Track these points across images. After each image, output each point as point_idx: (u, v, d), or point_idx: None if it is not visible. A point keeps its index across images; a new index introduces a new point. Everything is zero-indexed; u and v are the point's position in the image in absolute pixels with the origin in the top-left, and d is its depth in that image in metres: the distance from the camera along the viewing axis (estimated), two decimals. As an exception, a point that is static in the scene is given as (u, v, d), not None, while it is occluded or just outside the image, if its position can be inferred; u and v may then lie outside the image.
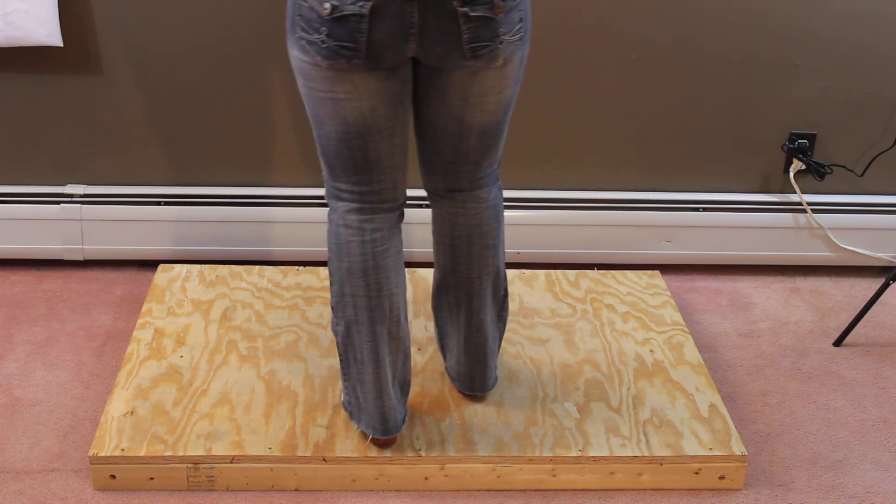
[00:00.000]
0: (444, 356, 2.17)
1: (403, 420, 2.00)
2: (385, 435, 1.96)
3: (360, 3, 1.64)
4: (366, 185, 1.85)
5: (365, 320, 1.88)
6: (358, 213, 1.86)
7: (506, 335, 2.36)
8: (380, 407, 1.93)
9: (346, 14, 1.65)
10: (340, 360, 1.97)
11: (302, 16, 1.70)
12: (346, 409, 2.03)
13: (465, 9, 1.67)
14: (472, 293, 1.99)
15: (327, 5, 1.66)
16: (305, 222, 2.68)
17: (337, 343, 1.96)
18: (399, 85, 1.76)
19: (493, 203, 1.96)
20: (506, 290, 2.08)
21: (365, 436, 2.01)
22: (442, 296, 2.05)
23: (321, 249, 2.65)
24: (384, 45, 1.68)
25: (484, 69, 1.74)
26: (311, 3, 1.68)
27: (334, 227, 1.88)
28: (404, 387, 2.00)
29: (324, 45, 1.68)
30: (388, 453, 1.99)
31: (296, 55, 1.75)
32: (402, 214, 1.93)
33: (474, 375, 2.10)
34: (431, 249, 2.06)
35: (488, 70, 1.75)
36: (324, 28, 1.67)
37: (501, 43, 1.73)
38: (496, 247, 1.98)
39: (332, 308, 1.94)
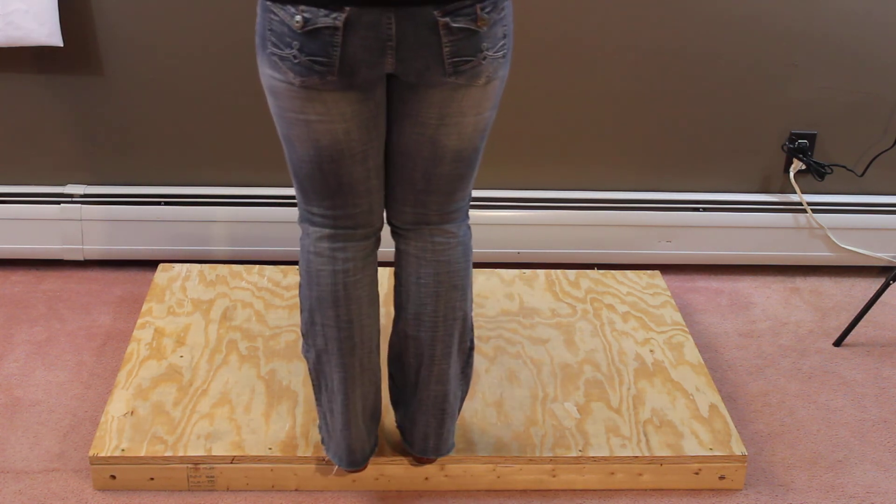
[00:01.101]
0: (397, 414, 1.99)
1: (372, 450, 1.94)
2: (350, 467, 1.91)
3: (334, 15, 1.55)
4: (340, 209, 1.75)
5: (335, 351, 1.80)
6: (330, 240, 1.78)
7: (506, 335, 2.36)
8: (347, 438, 1.87)
9: (318, 27, 1.56)
10: (313, 387, 1.90)
11: (273, 30, 1.60)
12: (320, 433, 1.97)
13: (447, 19, 1.57)
14: (435, 339, 1.83)
15: (299, 18, 1.56)
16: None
17: (309, 369, 1.89)
18: (374, 107, 1.67)
19: (463, 240, 1.83)
20: (472, 342, 1.92)
21: (332, 464, 1.97)
22: (401, 343, 1.88)
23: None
24: (358, 60, 1.59)
25: (465, 87, 1.64)
26: (282, 17, 1.58)
27: (305, 254, 1.80)
28: (375, 416, 1.92)
29: (296, 61, 1.59)
30: (388, 453, 1.99)
31: (267, 73, 1.65)
32: (377, 241, 1.83)
33: (429, 435, 1.92)
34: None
35: (469, 88, 1.64)
36: (295, 42, 1.58)
37: (485, 59, 1.63)
38: (465, 289, 1.83)
39: (303, 335, 1.85)
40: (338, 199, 1.74)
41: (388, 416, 2.07)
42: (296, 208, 2.67)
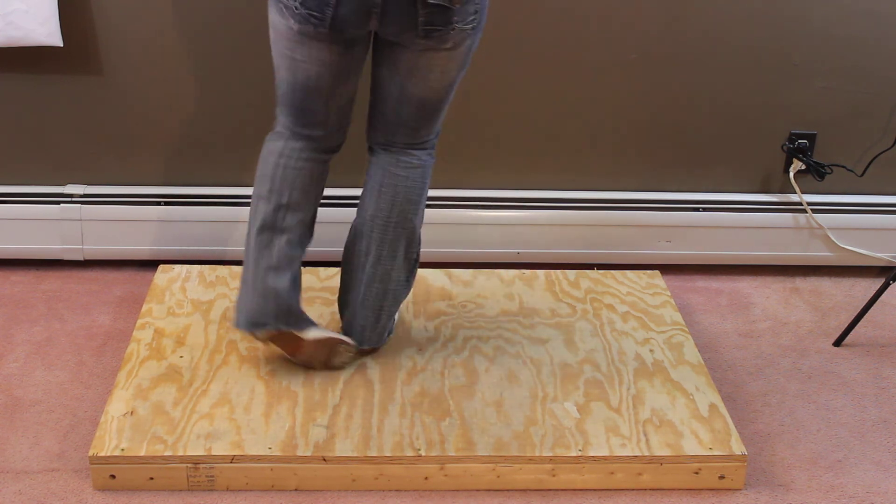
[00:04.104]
0: (342, 313, 2.25)
1: (267, 324, 2.12)
2: (241, 327, 2.13)
3: None
4: (300, 127, 2.10)
5: (258, 222, 2.11)
6: (287, 138, 2.12)
7: (506, 335, 2.36)
8: (245, 302, 2.12)
9: None
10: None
11: None
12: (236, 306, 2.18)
13: None
14: (384, 240, 2.15)
15: None
16: (305, 222, 2.68)
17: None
18: (350, 61, 2.01)
19: (424, 164, 2.16)
20: (418, 256, 2.22)
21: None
22: (355, 243, 2.19)
23: (321, 249, 2.65)
24: (346, 21, 1.92)
25: (433, 49, 1.96)
26: None
27: (266, 141, 2.15)
28: (283, 293, 2.11)
29: (297, 11, 1.92)
30: (388, 453, 1.99)
31: (273, 15, 2.00)
32: (330, 154, 2.15)
33: (366, 327, 2.21)
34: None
35: (438, 51, 1.97)
36: None
37: (454, 29, 1.94)
38: (417, 204, 2.16)
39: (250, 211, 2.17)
40: (300, 118, 2.09)
41: (387, 415, 2.08)
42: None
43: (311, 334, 2.15)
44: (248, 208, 2.66)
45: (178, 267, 2.60)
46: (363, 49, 2.03)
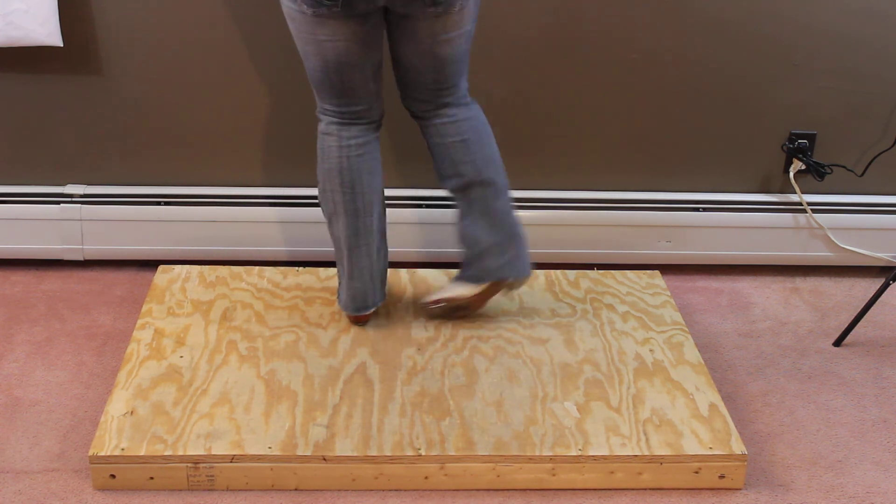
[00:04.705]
0: (482, 264, 2.32)
1: (375, 303, 2.35)
2: (354, 312, 2.34)
3: None
4: (345, 106, 2.20)
5: (341, 213, 2.24)
6: (338, 125, 2.22)
7: (506, 335, 2.36)
8: (352, 288, 2.31)
9: None
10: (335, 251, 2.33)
11: None
12: (338, 292, 2.40)
13: None
14: (496, 174, 2.26)
15: None
16: (305, 222, 2.68)
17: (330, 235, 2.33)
18: (370, 29, 2.10)
19: (473, 99, 2.29)
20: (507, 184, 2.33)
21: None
22: (464, 197, 2.28)
23: (321, 249, 2.66)
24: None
25: (444, 14, 2.06)
26: None
27: (320, 136, 2.25)
28: (377, 273, 2.32)
29: None
30: (388, 452, 1.99)
31: (287, 6, 2.09)
32: (377, 127, 2.27)
33: (517, 256, 2.31)
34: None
35: (448, 14, 2.07)
36: None
37: None
38: (491, 136, 2.28)
39: (320, 205, 2.31)
40: (343, 98, 2.19)
41: (386, 415, 2.08)
42: (296, 208, 2.68)
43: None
44: (248, 209, 2.68)
45: (178, 267, 2.60)
46: (379, 20, 2.13)
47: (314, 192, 2.69)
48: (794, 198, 2.78)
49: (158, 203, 2.67)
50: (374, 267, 2.31)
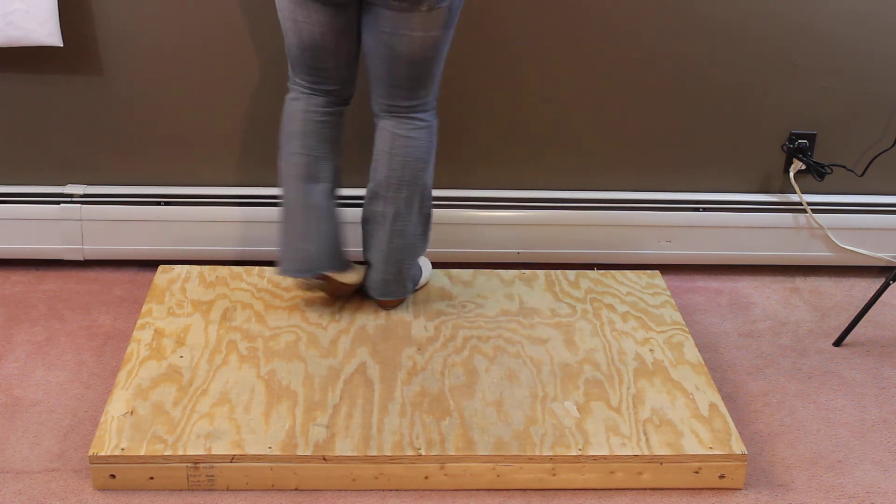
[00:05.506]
0: (367, 272, 2.43)
1: (323, 268, 2.33)
2: (296, 274, 2.34)
3: None
4: (315, 83, 2.30)
5: (294, 174, 2.31)
6: (306, 95, 2.31)
7: (506, 335, 2.36)
8: (297, 249, 2.33)
9: None
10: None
11: None
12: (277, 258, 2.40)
13: None
14: (398, 199, 2.32)
15: None
16: (305, 222, 2.68)
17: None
18: (344, 20, 2.19)
19: (429, 124, 2.32)
20: (430, 211, 2.40)
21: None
22: (372, 204, 2.36)
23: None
24: None
25: (409, 10, 2.12)
26: None
27: (287, 102, 2.33)
28: (327, 237, 2.33)
29: None
30: (388, 452, 1.99)
31: None
32: (345, 102, 2.35)
33: (388, 280, 2.39)
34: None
35: (414, 12, 2.12)
36: None
37: None
38: (427, 162, 2.33)
39: (279, 167, 2.35)
40: (314, 76, 2.29)
41: (386, 415, 2.08)
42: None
43: (352, 278, 2.40)
44: (248, 209, 2.68)
45: (178, 267, 2.60)
46: (354, 10, 2.21)
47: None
48: (794, 198, 2.78)
49: (158, 203, 2.67)
50: (322, 230, 2.33)
